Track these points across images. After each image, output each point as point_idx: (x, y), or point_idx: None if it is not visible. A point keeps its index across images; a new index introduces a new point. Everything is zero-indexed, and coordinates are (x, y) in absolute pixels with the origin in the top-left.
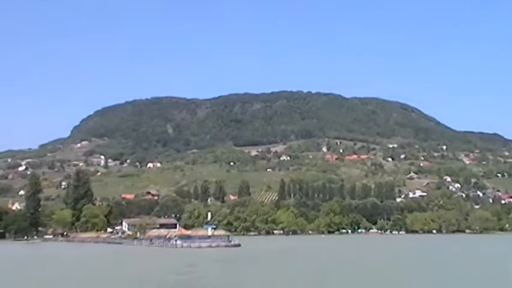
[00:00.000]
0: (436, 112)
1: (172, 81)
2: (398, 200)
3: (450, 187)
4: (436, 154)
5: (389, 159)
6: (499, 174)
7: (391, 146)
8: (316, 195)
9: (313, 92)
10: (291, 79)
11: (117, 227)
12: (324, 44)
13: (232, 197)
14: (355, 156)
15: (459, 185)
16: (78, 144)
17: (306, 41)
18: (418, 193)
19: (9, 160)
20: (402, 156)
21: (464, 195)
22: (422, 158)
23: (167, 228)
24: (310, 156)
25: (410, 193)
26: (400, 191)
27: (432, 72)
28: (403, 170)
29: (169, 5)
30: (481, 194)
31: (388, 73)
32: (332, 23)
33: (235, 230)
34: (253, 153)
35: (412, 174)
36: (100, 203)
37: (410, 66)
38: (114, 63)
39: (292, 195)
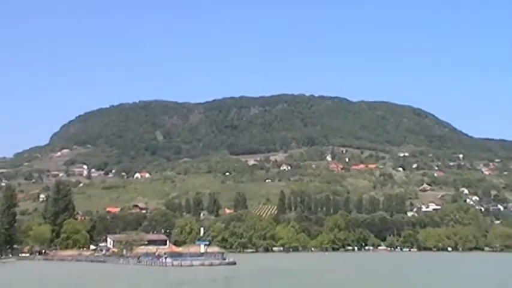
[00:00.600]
0: (451, 117)
1: (161, 84)
2: (409, 214)
3: (467, 200)
4: (451, 164)
5: (400, 169)
6: None
7: (402, 154)
8: (319, 208)
9: (316, 95)
10: (292, 81)
11: (101, 244)
12: (328, 43)
13: (227, 211)
14: (362, 166)
15: (477, 198)
16: (58, 153)
17: (308, 40)
18: (432, 206)
19: None
20: (414, 165)
21: (483, 209)
22: (436, 168)
23: (156, 244)
24: (313, 166)
25: (423, 206)
26: (411, 204)
27: (447, 74)
28: (415, 181)
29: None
30: (501, 208)
31: (399, 75)
32: (336, 20)
33: (231, 247)
34: (251, 162)
35: (425, 185)
36: (82, 218)
37: (423, 67)
38: (98, 64)
39: (293, 209)
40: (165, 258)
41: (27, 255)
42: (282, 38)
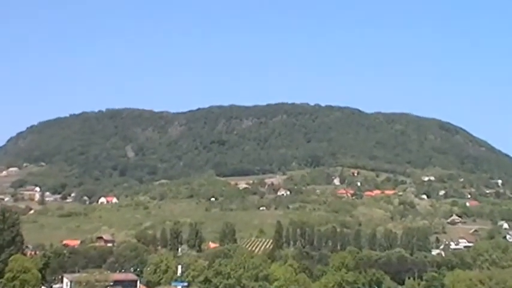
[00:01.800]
0: (488, 134)
1: (133, 89)
2: (434, 252)
3: (507, 236)
4: (488, 191)
5: (424, 196)
6: None
7: (426, 178)
8: (323, 243)
9: (323, 105)
10: (293, 88)
11: (56, 286)
12: (336, 43)
13: (211, 245)
14: (377, 192)
15: None
16: (4, 172)
17: (313, 39)
18: (463, 243)
19: None
20: (441, 193)
21: None
22: (469, 196)
23: (124, 286)
24: (318, 191)
25: (451, 243)
26: (437, 241)
27: (482, 82)
28: (442, 211)
29: None
30: None
31: (423, 82)
32: (347, 15)
33: None
34: (242, 185)
35: (454, 217)
36: (33, 253)
37: (452, 72)
38: (56, 64)
39: (291, 243)
40: None
41: None
42: (281, 36)
